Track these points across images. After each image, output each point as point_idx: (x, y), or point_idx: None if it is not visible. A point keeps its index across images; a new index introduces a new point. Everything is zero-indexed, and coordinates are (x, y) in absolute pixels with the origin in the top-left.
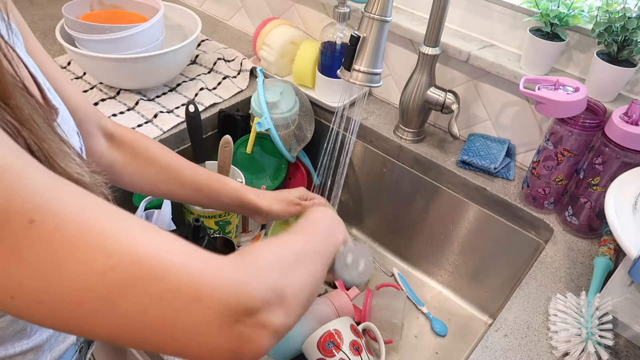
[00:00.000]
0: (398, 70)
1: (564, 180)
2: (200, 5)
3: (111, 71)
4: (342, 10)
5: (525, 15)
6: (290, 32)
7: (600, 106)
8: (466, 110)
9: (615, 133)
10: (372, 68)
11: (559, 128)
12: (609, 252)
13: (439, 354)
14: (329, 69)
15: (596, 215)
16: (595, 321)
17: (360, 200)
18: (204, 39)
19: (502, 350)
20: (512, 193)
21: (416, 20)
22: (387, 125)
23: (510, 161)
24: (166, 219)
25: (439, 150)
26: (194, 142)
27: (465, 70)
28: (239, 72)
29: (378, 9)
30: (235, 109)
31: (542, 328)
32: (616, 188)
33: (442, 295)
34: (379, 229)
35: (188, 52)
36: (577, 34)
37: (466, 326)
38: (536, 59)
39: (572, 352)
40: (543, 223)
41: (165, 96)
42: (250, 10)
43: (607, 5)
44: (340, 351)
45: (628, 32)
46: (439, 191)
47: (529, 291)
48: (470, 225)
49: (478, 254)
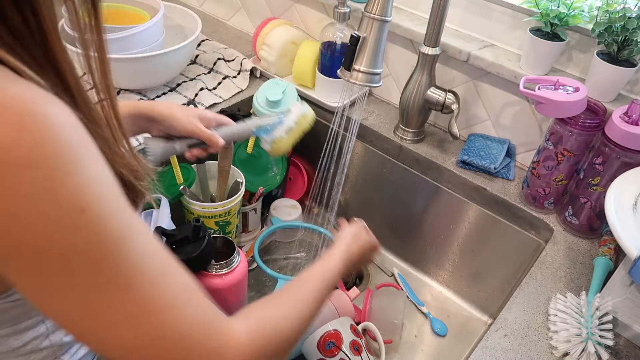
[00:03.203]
0: (398, 70)
1: (564, 180)
2: (200, 5)
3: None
4: (342, 10)
5: (525, 15)
6: (291, 32)
7: (600, 106)
8: (466, 110)
9: (615, 133)
10: (372, 68)
11: (559, 128)
12: (609, 252)
13: (439, 354)
14: (329, 69)
15: (596, 215)
16: (595, 321)
17: (360, 200)
18: (204, 39)
19: (502, 350)
20: (512, 193)
21: (416, 20)
22: (387, 125)
23: (510, 161)
24: (165, 219)
25: (439, 150)
26: None
27: (465, 70)
28: (239, 72)
29: (378, 9)
30: (236, 108)
31: (542, 328)
32: (616, 188)
33: (442, 295)
34: (379, 229)
35: (188, 52)
36: (577, 34)
37: (466, 326)
38: (536, 59)
39: (572, 352)
40: (543, 223)
41: (165, 96)
42: (250, 10)
43: (607, 5)
44: (340, 351)
45: (628, 32)
46: (439, 191)
47: (529, 291)
48: (470, 225)
49: (478, 254)
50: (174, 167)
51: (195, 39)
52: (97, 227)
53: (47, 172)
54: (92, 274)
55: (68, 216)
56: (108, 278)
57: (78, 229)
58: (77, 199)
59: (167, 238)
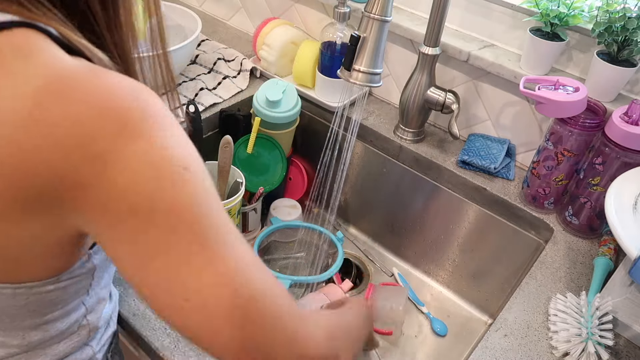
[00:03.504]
0: (398, 70)
1: (564, 180)
2: (200, 5)
3: None
4: (342, 10)
5: (525, 15)
6: (291, 32)
7: (600, 106)
8: (466, 110)
9: (615, 133)
10: (372, 68)
11: (559, 128)
12: (609, 252)
13: (439, 354)
14: (329, 69)
15: (596, 215)
16: (595, 321)
17: (360, 200)
18: (204, 39)
19: (502, 350)
20: (512, 193)
21: (416, 20)
22: (387, 125)
23: (510, 161)
24: None
25: (439, 150)
26: (194, 142)
27: (465, 70)
28: (239, 72)
29: (378, 9)
30: (236, 108)
31: (542, 328)
32: (616, 188)
33: (442, 295)
34: (379, 229)
35: (188, 52)
36: (577, 34)
37: (466, 326)
38: (536, 59)
39: (572, 352)
40: (543, 223)
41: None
42: (250, 10)
43: (607, 5)
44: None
45: (628, 32)
46: (439, 191)
47: (529, 291)
48: (470, 225)
49: (478, 254)
50: None
51: (195, 39)
52: (198, 183)
53: (156, 137)
54: (196, 230)
55: (178, 172)
56: (208, 234)
57: (185, 184)
58: (181, 158)
59: None
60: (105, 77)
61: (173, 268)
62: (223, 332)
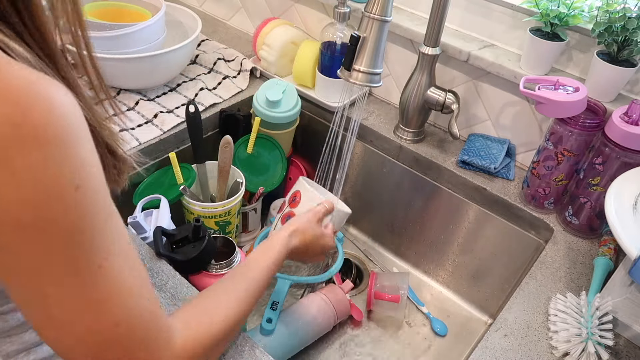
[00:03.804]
0: (398, 70)
1: (564, 180)
2: (200, 5)
3: (111, 71)
4: (342, 10)
5: (525, 15)
6: (291, 32)
7: (600, 106)
8: (466, 110)
9: (615, 133)
10: (372, 68)
11: (559, 128)
12: (609, 252)
13: (439, 354)
14: (329, 69)
15: (596, 215)
16: (595, 321)
17: (360, 200)
18: (204, 39)
19: (502, 350)
20: (512, 193)
21: (416, 20)
22: (387, 125)
23: (510, 161)
24: (165, 219)
25: (439, 150)
26: (194, 142)
27: (465, 70)
28: (239, 72)
29: (378, 9)
30: (237, 108)
31: (542, 328)
32: (616, 188)
33: (442, 295)
34: (379, 228)
35: (188, 52)
36: (577, 34)
37: (466, 326)
38: (536, 59)
39: (572, 352)
40: (543, 223)
41: (165, 96)
42: (250, 10)
43: (607, 5)
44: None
45: (628, 32)
46: (439, 191)
47: (529, 291)
48: (470, 225)
49: (478, 254)
50: (174, 167)
51: (195, 38)
52: (88, 203)
53: (53, 149)
54: (75, 251)
55: (67, 192)
56: (89, 256)
57: (73, 204)
58: (75, 176)
59: (167, 238)
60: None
61: (47, 289)
62: (77, 353)
